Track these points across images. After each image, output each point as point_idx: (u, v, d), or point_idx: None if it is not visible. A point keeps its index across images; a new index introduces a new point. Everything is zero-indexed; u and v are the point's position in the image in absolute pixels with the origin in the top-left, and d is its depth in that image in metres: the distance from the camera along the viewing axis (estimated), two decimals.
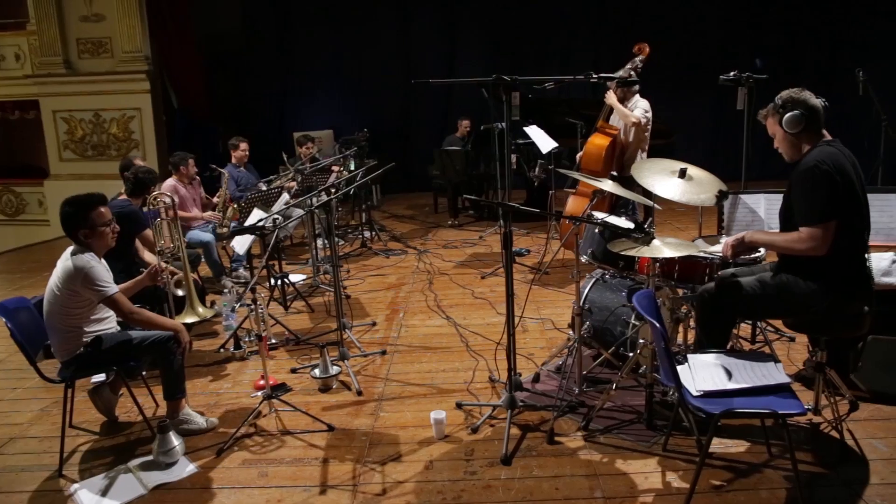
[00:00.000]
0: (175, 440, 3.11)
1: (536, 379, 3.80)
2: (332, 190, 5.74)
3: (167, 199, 4.49)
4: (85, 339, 3.23)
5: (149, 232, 4.49)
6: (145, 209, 4.62)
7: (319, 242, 6.47)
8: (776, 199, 3.19)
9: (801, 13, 10.46)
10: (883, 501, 2.63)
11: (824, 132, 2.86)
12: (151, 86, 8.49)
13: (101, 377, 3.81)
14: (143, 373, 3.74)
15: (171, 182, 5.85)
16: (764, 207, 3.67)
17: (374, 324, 4.92)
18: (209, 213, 6.00)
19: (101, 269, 3.17)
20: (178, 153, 6.01)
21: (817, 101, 2.85)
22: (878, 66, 8.41)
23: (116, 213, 3.51)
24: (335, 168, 6.97)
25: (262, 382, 3.72)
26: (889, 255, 3.38)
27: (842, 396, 3.26)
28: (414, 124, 11.24)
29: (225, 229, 5.89)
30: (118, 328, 3.42)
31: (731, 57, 9.78)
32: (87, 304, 3.19)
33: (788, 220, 2.86)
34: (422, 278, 6.08)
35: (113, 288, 3.17)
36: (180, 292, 3.95)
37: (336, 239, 5.98)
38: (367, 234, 7.67)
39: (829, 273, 2.76)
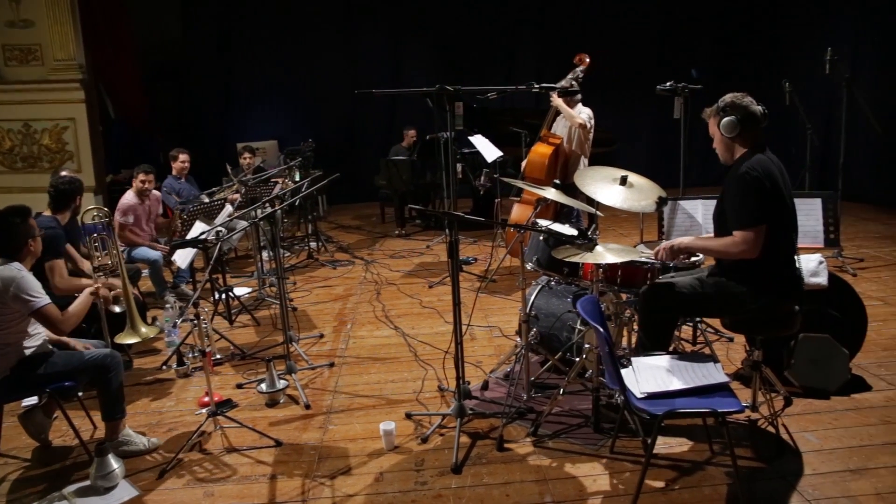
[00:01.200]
0: (114, 463, 3.00)
1: (485, 386, 3.81)
2: (277, 201, 5.66)
3: (104, 212, 4.32)
4: (13, 358, 3.07)
5: (58, 262, 4.19)
6: (80, 222, 4.44)
7: (265, 254, 6.36)
8: (713, 205, 3.29)
9: (734, 26, 10.90)
10: (815, 491, 2.74)
11: (759, 139, 2.96)
12: (86, 95, 8.18)
13: (32, 400, 3.64)
14: (80, 393, 3.59)
15: (129, 199, 5.64)
16: (701, 213, 3.78)
17: (321, 336, 4.86)
18: (160, 246, 5.78)
19: (32, 279, 3.04)
20: (141, 165, 5.78)
21: (758, 108, 2.95)
22: (803, 78, 8.85)
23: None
24: (279, 179, 6.87)
25: (206, 399, 3.63)
26: (816, 257, 3.54)
27: (777, 393, 3.39)
28: (360, 134, 11.19)
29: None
30: (49, 346, 3.27)
31: (669, 67, 10.11)
32: (14, 318, 3.03)
33: (722, 224, 2.96)
34: (369, 289, 6.04)
35: (45, 299, 3.04)
36: (118, 309, 3.81)
37: (282, 250, 5.88)
38: (313, 245, 7.58)
39: (762, 275, 2.86)
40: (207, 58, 10.72)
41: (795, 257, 2.96)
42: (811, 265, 3.52)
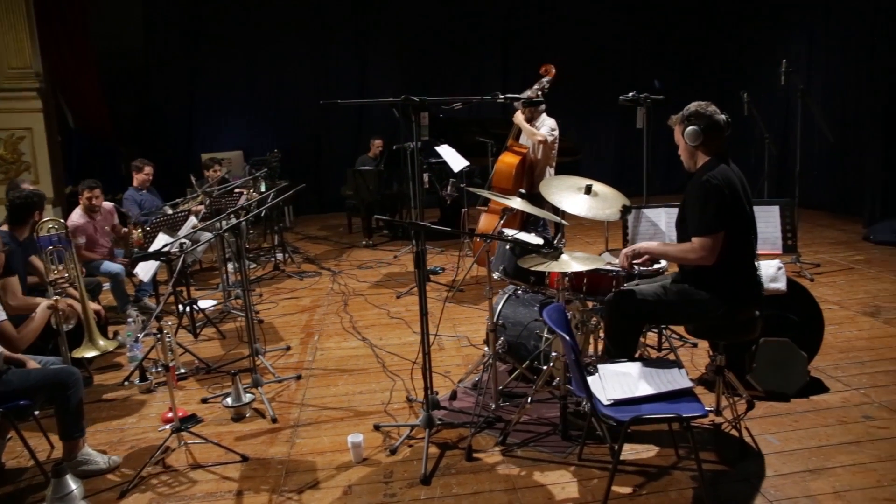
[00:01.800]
0: (72, 484, 2.90)
1: (454, 396, 3.80)
2: (242, 212, 5.59)
3: (60, 224, 4.21)
4: None
5: (10, 280, 4.04)
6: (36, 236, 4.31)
7: (230, 266, 6.27)
8: (676, 213, 3.35)
9: (695, 38, 11.16)
10: (776, 492, 2.79)
11: (722, 148, 3.01)
12: (44, 104, 7.99)
13: None
14: (36, 412, 3.49)
15: (76, 218, 5.50)
16: (665, 220, 3.84)
17: (288, 348, 4.80)
18: (120, 259, 5.66)
19: None
20: (84, 181, 5.64)
21: (721, 117, 2.99)
22: (761, 89, 9.08)
23: None
24: (244, 191, 6.79)
25: (170, 415, 3.55)
26: (775, 263, 3.61)
27: (740, 397, 3.45)
28: (326, 144, 11.14)
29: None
30: (3, 364, 3.17)
31: (632, 78, 10.29)
32: None
33: (684, 231, 3.01)
34: (336, 300, 5.99)
35: (1, 314, 2.94)
36: (66, 326, 3.70)
37: (248, 262, 5.81)
38: (279, 256, 7.51)
39: (724, 281, 2.92)
40: (170, 66, 10.57)
41: (755, 263, 3.02)
42: (770, 271, 3.60)
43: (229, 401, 3.77)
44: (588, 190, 3.38)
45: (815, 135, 8.38)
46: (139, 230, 5.75)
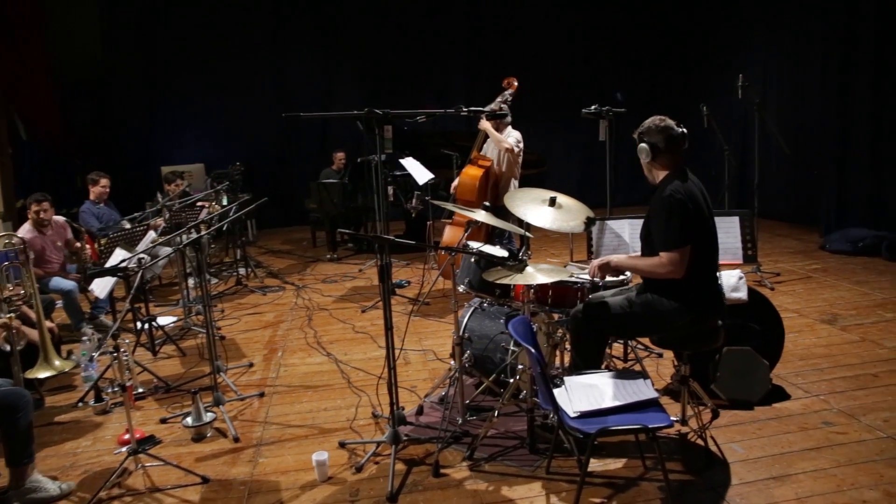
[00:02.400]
0: None
1: (420, 411, 3.77)
2: (204, 226, 5.49)
3: (16, 240, 4.08)
4: None
5: None
6: None
7: (191, 282, 6.15)
8: (639, 224, 3.38)
9: (655, 52, 11.39)
10: (742, 500, 2.82)
11: (679, 161, 3.04)
12: None
13: None
14: None
15: (24, 233, 5.32)
16: (628, 232, 3.89)
17: (251, 365, 4.72)
18: (73, 276, 5.50)
19: None
20: (33, 195, 5.46)
21: (677, 131, 3.01)
22: (719, 102, 9.30)
23: None
24: (205, 204, 6.68)
25: (126, 437, 3.44)
26: (736, 273, 3.68)
27: (704, 406, 3.49)
28: (289, 157, 11.06)
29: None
30: None
31: (595, 90, 10.45)
32: None
33: (649, 244, 3.04)
34: (300, 315, 5.92)
35: None
36: (8, 347, 3.57)
37: (209, 277, 5.69)
38: (241, 271, 7.40)
39: (688, 292, 2.95)
40: (129, 77, 10.37)
41: (717, 274, 3.07)
42: (732, 281, 3.66)
43: (189, 420, 3.67)
44: (552, 202, 3.40)
45: (772, 146, 8.61)
46: (100, 242, 5.61)
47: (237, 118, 10.71)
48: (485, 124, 5.73)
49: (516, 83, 5.75)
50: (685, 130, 3.05)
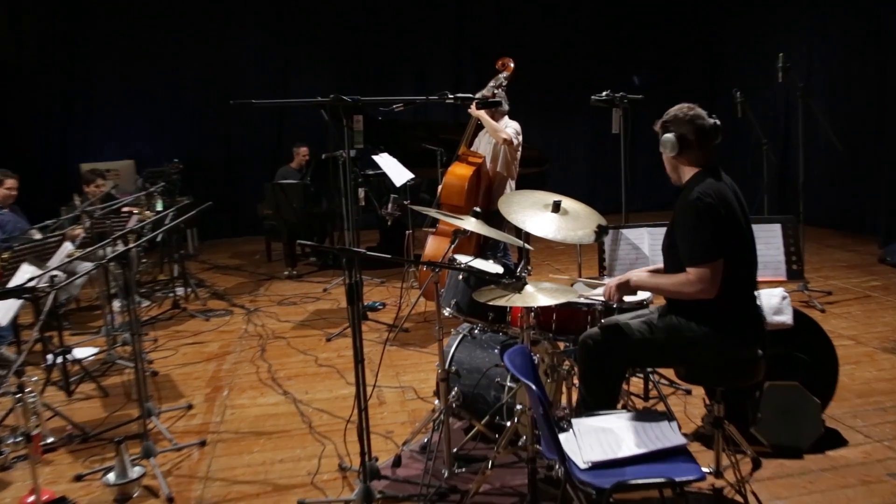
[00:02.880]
0: None
1: (397, 463, 3.74)
2: (133, 237, 5.43)
3: None
4: None
5: None
6: None
7: (116, 304, 6.10)
8: (660, 234, 3.38)
9: (679, 27, 11.52)
10: None
11: (711, 158, 3.05)
12: None
13: None
14: None
15: None
16: (648, 243, 3.90)
17: (189, 407, 4.68)
18: None
19: None
20: None
21: (708, 122, 3.03)
22: (756, 86, 9.40)
23: None
24: (135, 210, 6.63)
25: (31, 499, 3.38)
26: (779, 292, 3.69)
27: (743, 454, 3.48)
28: (239, 153, 11.06)
29: None
30: None
31: (607, 74, 10.53)
32: None
33: (672, 257, 3.04)
34: (252, 344, 5.89)
35: None
36: None
37: (139, 299, 5.64)
38: (180, 291, 7.35)
39: (720, 315, 2.95)
40: (41, 60, 10.32)
41: (756, 293, 3.07)
42: (773, 301, 3.67)
43: (112, 477, 3.62)
44: (556, 207, 3.40)
45: (820, 140, 8.68)
46: (2, 257, 5.54)
47: (175, 107, 10.70)
48: (478, 111, 5.74)
49: (512, 65, 5.79)
50: (718, 121, 3.07)
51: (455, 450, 3.67)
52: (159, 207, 7.11)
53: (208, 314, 6.83)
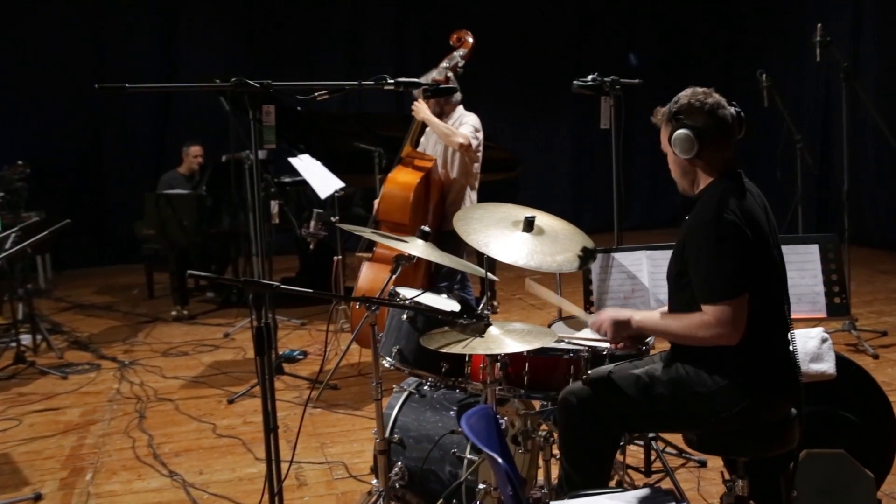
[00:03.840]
0: None
1: None
2: None
3: None
4: None
5: None
6: None
7: None
8: (664, 257, 3.43)
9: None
10: None
11: (732, 160, 3.09)
12: None
13: None
14: None
15: None
16: (647, 269, 3.93)
17: (38, 497, 4.59)
18: None
19: None
20: None
21: (729, 112, 3.05)
22: (786, 67, 9.60)
23: None
24: None
25: None
26: (817, 332, 3.74)
27: None
28: (110, 155, 10.96)
29: None
30: None
31: (593, 54, 10.70)
32: None
33: (680, 289, 3.08)
34: (127, 410, 5.83)
35: None
36: None
37: None
38: (25, 339, 7.23)
39: (742, 363, 2.98)
40: None
41: (788, 335, 3.11)
42: (811, 345, 3.73)
43: None
44: (529, 225, 3.42)
45: (869, 135, 8.86)
46: None
47: (22, 92, 10.55)
48: (422, 110, 5.74)
49: (471, 40, 5.81)
50: (740, 111, 3.11)
51: None
52: None
53: (66, 370, 6.73)
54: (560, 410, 3.20)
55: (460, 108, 5.84)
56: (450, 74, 5.69)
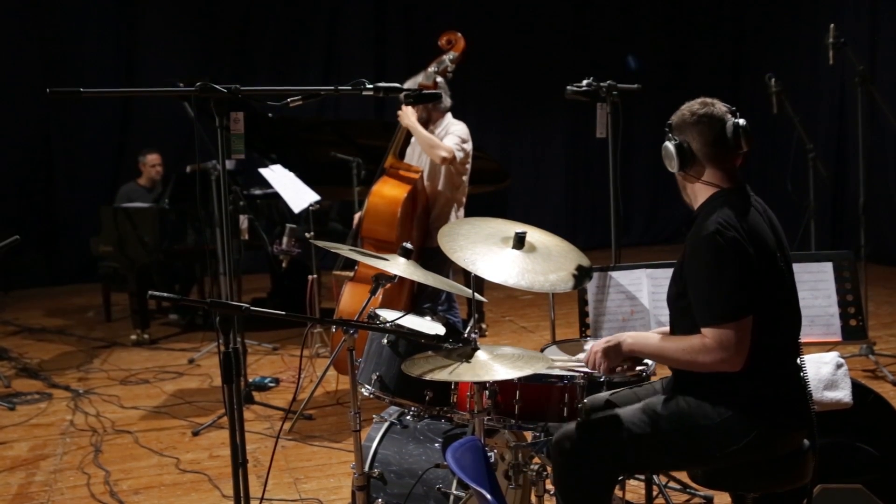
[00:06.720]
0: None
1: None
2: None
3: None
4: None
5: None
6: None
7: None
8: (665, 277, 3.44)
9: None
10: None
11: (734, 173, 3.12)
12: None
13: None
14: None
15: None
16: (648, 289, 3.95)
17: None
18: None
19: None
20: None
21: (728, 122, 3.07)
22: (798, 71, 9.67)
23: None
24: None
25: None
26: (831, 357, 3.76)
27: None
28: (62, 164, 10.93)
29: None
30: None
31: (589, 58, 10.75)
32: None
33: (682, 311, 3.10)
34: (81, 444, 5.80)
35: None
36: None
37: None
38: None
39: (749, 392, 3.00)
40: None
41: (799, 361, 3.13)
42: (824, 371, 3.75)
43: None
44: (520, 242, 3.44)
45: (888, 144, 8.92)
46: None
47: None
48: (408, 117, 5.73)
49: (463, 43, 5.82)
50: (743, 121, 3.12)
51: None
52: None
53: (13, 400, 6.70)
54: (554, 454, 3.21)
55: (448, 116, 5.84)
56: (438, 79, 5.68)
